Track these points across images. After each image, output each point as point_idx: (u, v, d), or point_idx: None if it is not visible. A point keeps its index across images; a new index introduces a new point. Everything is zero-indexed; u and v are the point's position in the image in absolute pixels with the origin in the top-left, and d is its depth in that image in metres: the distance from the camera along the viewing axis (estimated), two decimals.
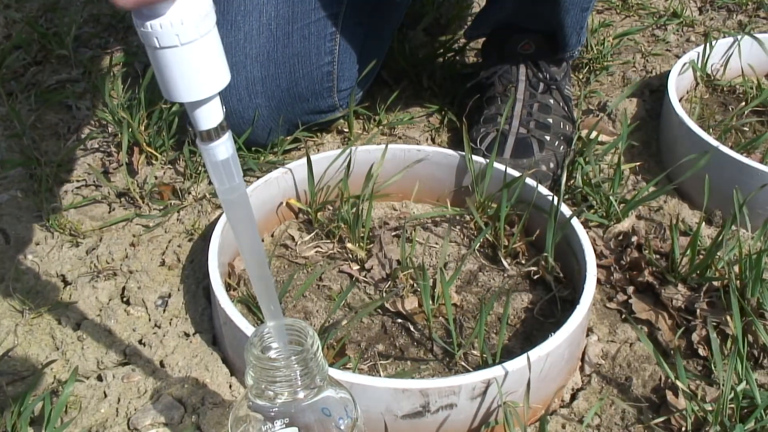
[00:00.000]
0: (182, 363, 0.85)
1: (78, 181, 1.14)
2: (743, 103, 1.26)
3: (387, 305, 0.90)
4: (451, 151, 1.05)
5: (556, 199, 0.92)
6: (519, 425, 0.75)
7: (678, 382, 0.79)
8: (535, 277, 0.95)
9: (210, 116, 0.49)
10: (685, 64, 1.25)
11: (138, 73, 1.39)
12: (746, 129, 1.21)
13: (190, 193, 1.10)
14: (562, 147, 1.13)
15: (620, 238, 1.01)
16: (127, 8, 0.44)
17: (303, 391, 0.57)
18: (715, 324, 0.87)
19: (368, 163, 1.04)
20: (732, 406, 0.76)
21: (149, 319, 0.92)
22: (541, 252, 0.94)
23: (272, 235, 1.03)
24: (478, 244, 0.99)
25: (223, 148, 0.50)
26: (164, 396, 0.80)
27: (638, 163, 1.17)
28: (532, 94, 1.19)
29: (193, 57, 0.46)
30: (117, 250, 1.00)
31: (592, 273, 0.85)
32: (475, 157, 1.02)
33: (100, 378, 0.84)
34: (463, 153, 1.03)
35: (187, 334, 0.89)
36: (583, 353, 0.87)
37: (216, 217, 1.05)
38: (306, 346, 0.56)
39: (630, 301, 0.93)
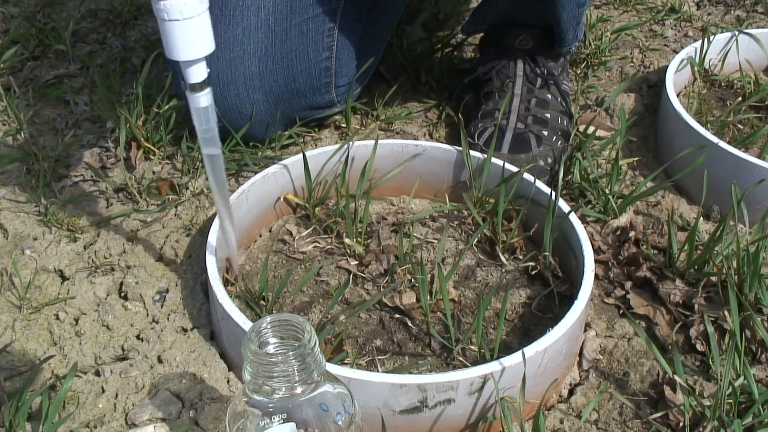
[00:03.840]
0: (180, 358, 0.85)
1: (76, 176, 1.14)
2: (741, 99, 1.26)
3: (385, 300, 0.90)
4: (448, 147, 1.05)
5: (554, 194, 0.92)
6: (516, 420, 0.75)
7: (676, 378, 0.79)
8: (533, 272, 0.95)
9: (198, 74, 0.70)
10: (683, 60, 1.25)
11: (136, 68, 1.39)
12: (742, 125, 1.21)
13: (187, 188, 1.10)
14: (559, 142, 1.13)
15: (618, 233, 1.01)
16: None
17: (300, 386, 0.57)
18: (712, 319, 0.87)
19: (366, 159, 1.03)
20: (730, 401, 0.76)
21: (147, 315, 0.92)
22: (539, 247, 0.95)
23: (270, 231, 1.03)
24: (476, 240, 0.99)
25: (205, 98, 0.72)
26: (162, 391, 0.81)
27: (636, 158, 1.17)
28: (530, 89, 1.18)
29: (190, 28, 0.66)
30: (115, 246, 1.00)
31: (589, 268, 0.85)
32: (472, 153, 1.02)
33: (98, 373, 0.84)
34: (461, 148, 1.03)
35: (185, 330, 0.89)
36: (581, 348, 0.87)
37: (214, 213, 1.05)
38: (303, 342, 0.56)
39: (628, 296, 0.93)
